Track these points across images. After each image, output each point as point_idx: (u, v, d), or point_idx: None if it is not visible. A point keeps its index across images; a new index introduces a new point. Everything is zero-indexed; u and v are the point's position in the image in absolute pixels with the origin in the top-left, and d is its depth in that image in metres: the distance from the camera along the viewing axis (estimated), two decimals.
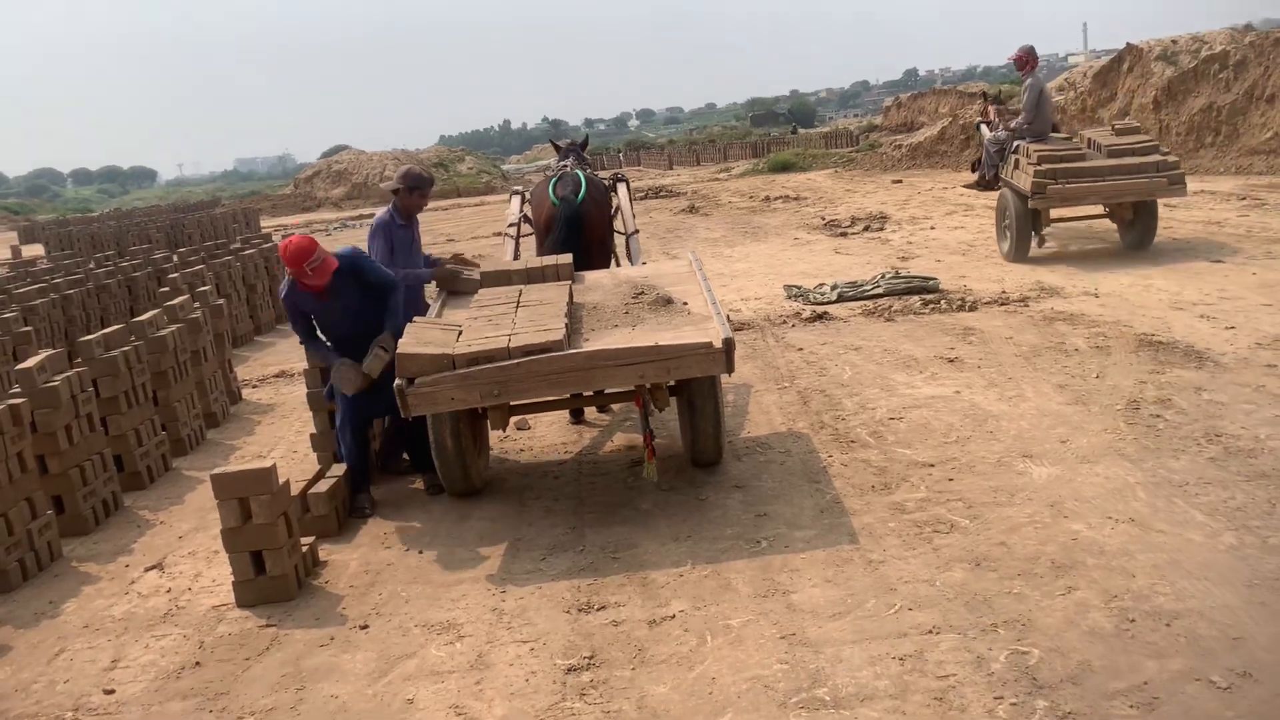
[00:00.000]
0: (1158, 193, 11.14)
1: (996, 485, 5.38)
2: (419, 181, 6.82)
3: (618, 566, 4.93)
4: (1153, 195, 11.20)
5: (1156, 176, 11.01)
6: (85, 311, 11.85)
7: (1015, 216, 11.69)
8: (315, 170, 48.27)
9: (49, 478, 6.22)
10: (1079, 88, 23.71)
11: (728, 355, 5.14)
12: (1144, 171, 11.05)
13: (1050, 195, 11.07)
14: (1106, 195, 11.34)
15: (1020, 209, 11.59)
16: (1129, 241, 11.80)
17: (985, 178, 12.82)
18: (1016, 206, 11.67)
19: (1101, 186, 11.14)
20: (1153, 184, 11.04)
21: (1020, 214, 11.61)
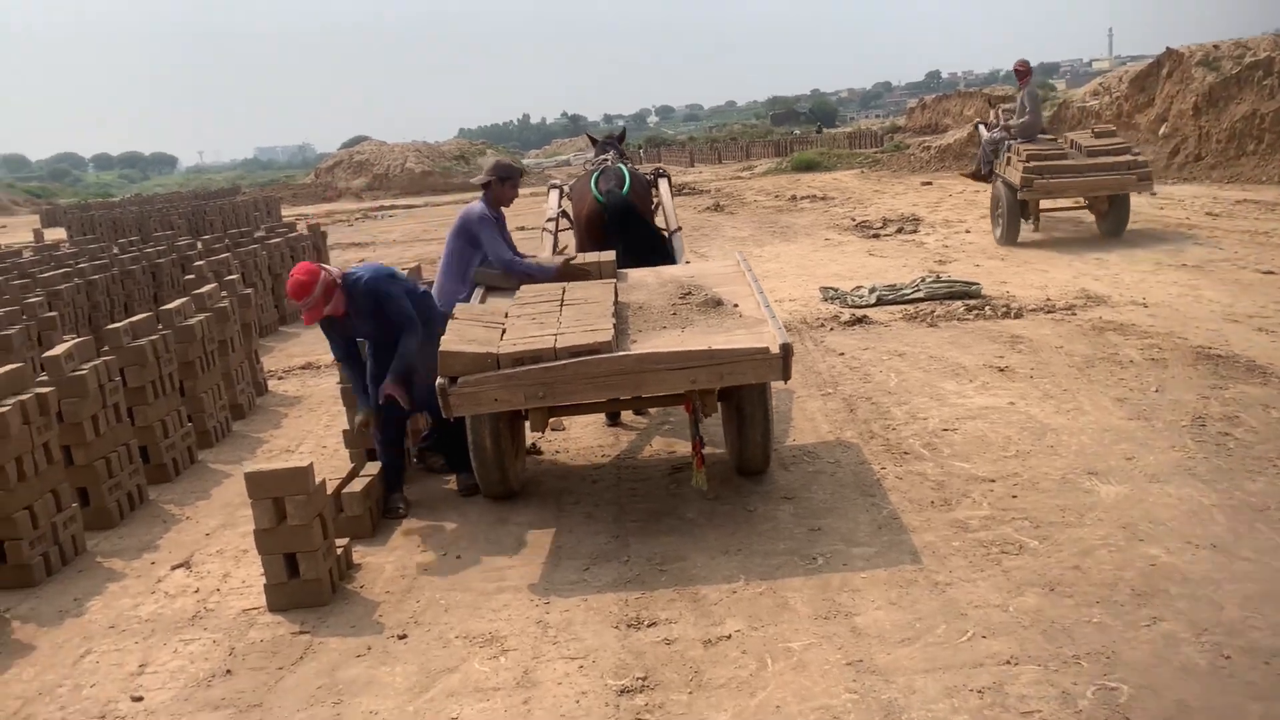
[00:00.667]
0: (1127, 188, 13.01)
1: (1063, 504, 5.13)
2: (509, 172, 6.66)
3: (666, 580, 4.70)
4: (1123, 190, 13.04)
5: (1127, 174, 12.90)
6: (110, 297, 11.69)
7: (1006, 206, 13.48)
8: (336, 160, 48.18)
9: (74, 469, 6.04)
10: (1114, 92, 23.34)
11: (785, 361, 4.91)
12: (1116, 170, 12.92)
13: (1036, 188, 12.90)
14: (1083, 189, 13.18)
15: (1010, 199, 13.35)
16: (1105, 229, 13.55)
17: (981, 171, 14.84)
18: (1007, 197, 13.40)
19: (1079, 182, 13.02)
20: (1123, 180, 12.92)
21: (1011, 204, 13.38)
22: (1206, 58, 20.50)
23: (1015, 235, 13.56)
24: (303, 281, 5.58)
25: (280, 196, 37.30)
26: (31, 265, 13.66)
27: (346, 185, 43.56)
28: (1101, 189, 13.06)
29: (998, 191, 13.82)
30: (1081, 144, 13.65)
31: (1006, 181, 13.41)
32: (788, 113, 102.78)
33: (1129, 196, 13.28)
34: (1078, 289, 10.48)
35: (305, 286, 5.57)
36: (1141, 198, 17.34)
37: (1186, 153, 20.17)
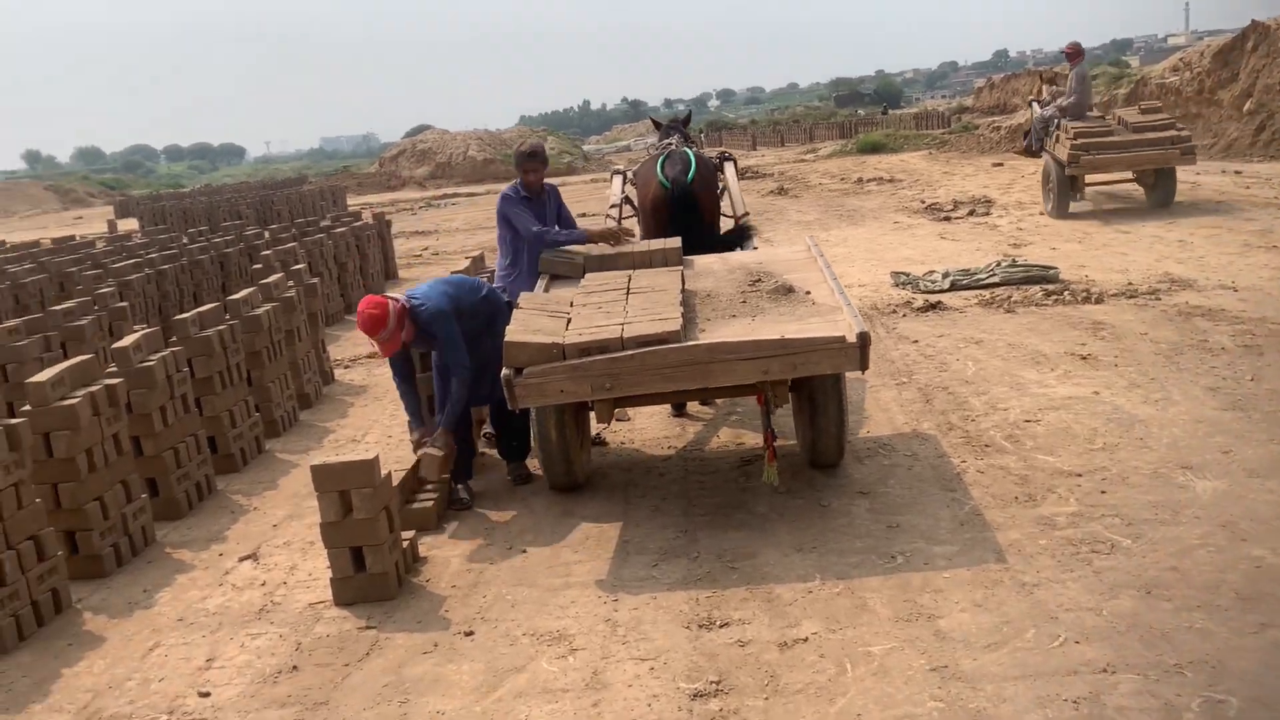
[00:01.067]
0: (1170, 161, 13.60)
1: (1156, 500, 4.87)
2: (519, 158, 6.66)
3: (737, 578, 4.55)
4: (1166, 164, 13.64)
5: (1170, 148, 13.49)
6: (179, 287, 11.83)
7: (1056, 181, 14.14)
8: (400, 149, 48.52)
9: (143, 460, 6.06)
10: (1195, 68, 22.49)
11: (862, 351, 4.71)
12: (1159, 145, 13.54)
13: (1083, 164, 13.60)
14: (1127, 164, 13.83)
15: (1060, 175, 14.02)
16: (1152, 201, 14.08)
17: (1033, 148, 15.59)
18: (1057, 173, 14.08)
19: (1123, 157, 13.65)
20: (1166, 154, 13.53)
21: (1060, 178, 14.05)
22: None
23: (1065, 208, 14.21)
24: (375, 315, 5.45)
25: (345, 186, 37.67)
26: (104, 256, 13.90)
27: (410, 174, 43.86)
28: (1144, 164, 13.73)
29: (1048, 167, 14.51)
30: (1128, 121, 14.26)
31: (1056, 158, 14.11)
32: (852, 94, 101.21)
33: (1174, 170, 13.86)
34: (1161, 272, 10.07)
35: (378, 320, 5.45)
36: (1226, 177, 16.80)
37: (1273, 129, 19.37)
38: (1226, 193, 15.24)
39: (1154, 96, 23.65)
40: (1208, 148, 20.93)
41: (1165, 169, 13.70)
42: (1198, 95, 22.05)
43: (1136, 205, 14.32)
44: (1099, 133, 13.79)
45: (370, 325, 5.47)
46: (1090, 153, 13.47)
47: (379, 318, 5.45)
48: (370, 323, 5.46)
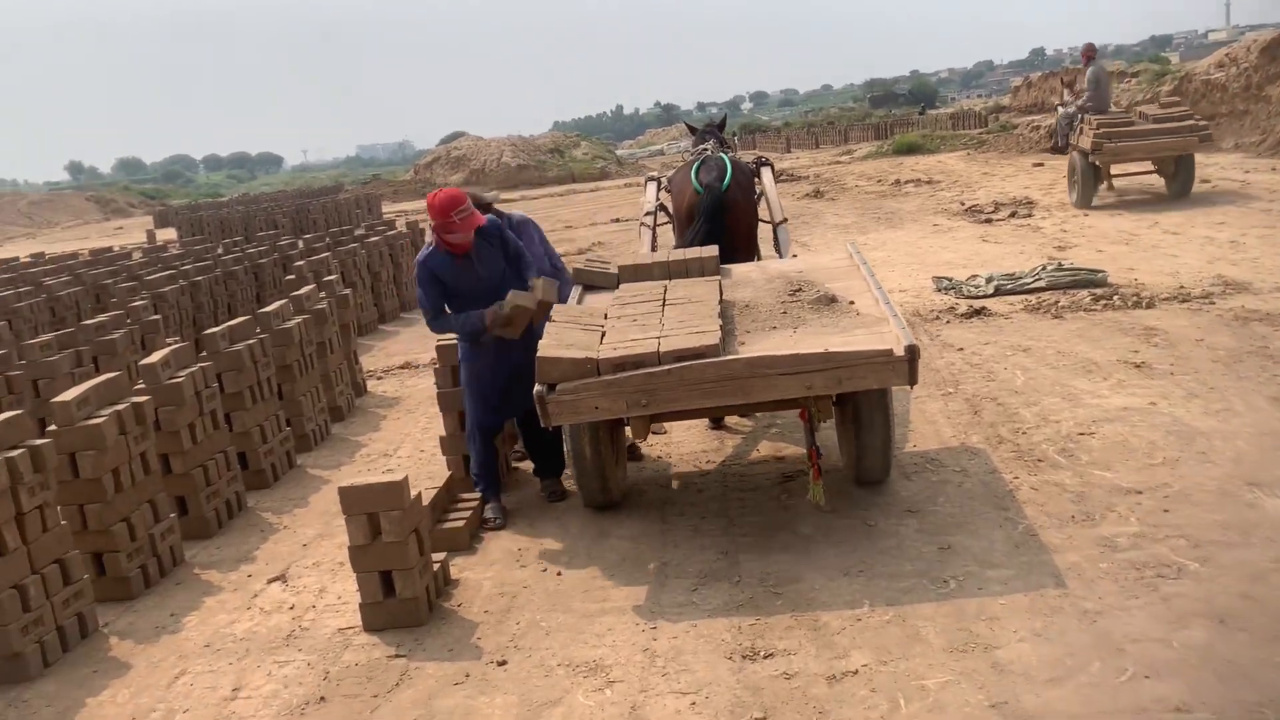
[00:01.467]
0: (1189, 148, 14.20)
1: (1224, 520, 4.60)
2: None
3: (782, 604, 4.35)
4: (1185, 150, 14.22)
5: (1188, 135, 14.12)
6: (213, 298, 11.82)
7: (1081, 171, 14.85)
8: (434, 156, 48.65)
9: (171, 478, 5.96)
10: (1242, 63, 21.93)
11: (911, 365, 4.50)
12: (1178, 133, 14.18)
13: (1106, 152, 14.19)
14: (1147, 151, 14.40)
15: (1085, 165, 14.72)
16: (1173, 190, 14.65)
17: (1058, 144, 17.12)
18: (1082, 163, 14.80)
19: (1144, 145, 14.23)
20: (1185, 141, 14.13)
21: (1085, 169, 14.75)
22: None
23: (1090, 198, 14.92)
24: (453, 194, 5.47)
25: (381, 194, 37.84)
26: (140, 267, 13.93)
27: (445, 180, 43.91)
28: (1164, 150, 14.30)
29: (1073, 160, 15.30)
30: (1149, 114, 15.20)
31: (1080, 150, 14.87)
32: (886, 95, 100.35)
33: (1193, 158, 14.51)
34: (1213, 275, 9.73)
35: (457, 198, 5.43)
36: (1275, 175, 16.33)
37: None
38: (1278, 191, 14.80)
39: (1199, 93, 23.14)
40: (1256, 145, 20.40)
41: (1185, 158, 14.35)
42: (1244, 91, 21.49)
43: (1158, 195, 14.91)
44: (1121, 123, 14.55)
45: (448, 202, 5.40)
46: (1113, 141, 14.12)
47: (456, 195, 5.44)
48: (448, 200, 5.40)
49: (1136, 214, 14.26)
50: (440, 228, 5.44)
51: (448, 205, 5.40)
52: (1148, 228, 13.06)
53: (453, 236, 5.43)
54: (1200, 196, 15.13)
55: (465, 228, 5.44)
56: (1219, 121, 22.16)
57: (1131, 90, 26.37)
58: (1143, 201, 14.80)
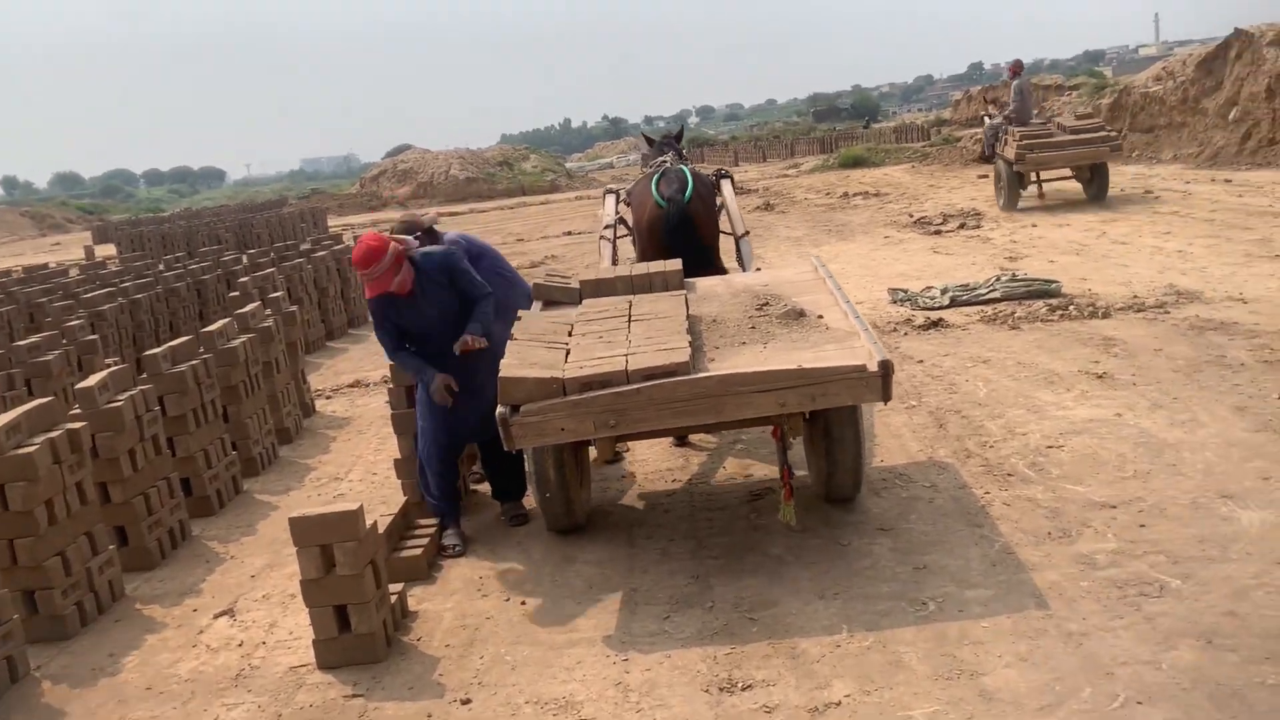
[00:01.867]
0: (1101, 157, 15.72)
1: (1201, 534, 4.54)
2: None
3: (758, 631, 4.19)
4: (1097, 159, 15.75)
5: (1101, 146, 15.63)
6: (154, 316, 11.43)
7: (1006, 178, 16.31)
8: (381, 169, 48.13)
9: (111, 507, 5.67)
10: (1179, 76, 22.39)
11: (885, 380, 4.37)
12: (1092, 143, 15.67)
13: (1028, 161, 15.71)
14: (1065, 160, 15.86)
15: (1009, 173, 16.15)
16: (1091, 195, 16.13)
17: (985, 153, 18.36)
18: (1007, 171, 16.24)
19: (1062, 154, 15.77)
20: (1098, 150, 15.67)
21: (1010, 176, 16.18)
22: (1279, 38, 19.54)
23: (1015, 202, 16.34)
24: (372, 248, 5.16)
25: (326, 207, 37.26)
26: (77, 285, 13.47)
27: (391, 194, 43.47)
28: (1080, 159, 15.80)
29: (999, 168, 16.73)
30: (1066, 125, 16.98)
31: (1005, 159, 16.25)
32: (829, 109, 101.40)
33: (1107, 165, 16.04)
34: (1164, 284, 9.81)
35: (375, 253, 5.14)
36: (1215, 186, 16.64)
37: (1259, 137, 19.25)
38: (1220, 201, 15.07)
39: (1138, 106, 23.60)
40: (1193, 156, 20.83)
41: (1099, 165, 15.87)
42: (1182, 104, 21.94)
43: (1077, 199, 16.37)
44: (1041, 134, 16.11)
45: (364, 257, 5.13)
46: (1034, 151, 15.65)
47: (375, 250, 5.15)
48: (365, 255, 5.14)
49: (1084, 225, 14.42)
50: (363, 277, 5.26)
51: (361, 262, 5.16)
52: (1096, 238, 13.20)
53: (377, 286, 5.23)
54: (1144, 207, 15.37)
55: (378, 286, 5.21)
56: (1157, 134, 22.65)
57: (1073, 103, 26.81)
58: (1068, 207, 15.93)
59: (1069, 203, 16.22)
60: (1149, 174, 20.08)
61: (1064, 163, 15.95)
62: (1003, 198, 16.53)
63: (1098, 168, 15.89)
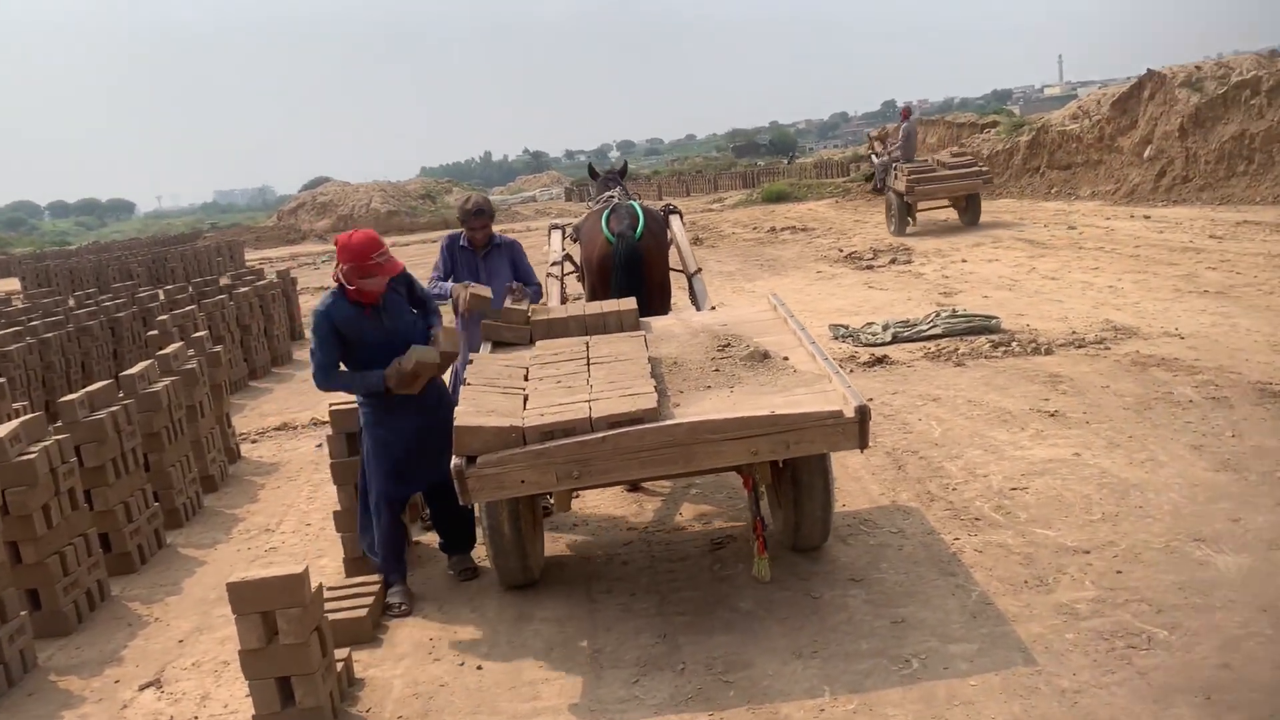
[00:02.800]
0: (975, 189, 18.77)
1: (1180, 580, 4.44)
2: (463, 215, 6.39)
3: (735, 696, 3.95)
4: (972, 190, 18.76)
5: (975, 179, 18.68)
6: (65, 357, 10.82)
7: (897, 208, 18.90)
8: (299, 202, 47.18)
9: (22, 568, 5.21)
10: (1094, 115, 23.05)
11: (861, 427, 4.20)
12: (968, 178, 18.61)
13: (916, 193, 18.33)
14: (947, 192, 18.68)
15: (899, 203, 18.75)
16: (966, 220, 18.97)
17: (877, 186, 21.03)
18: (897, 202, 18.82)
19: (944, 186, 18.49)
20: (972, 183, 18.66)
21: (900, 206, 18.78)
22: (1190, 79, 20.25)
23: (904, 229, 18.77)
24: (372, 235, 5.00)
25: (243, 240, 36.32)
26: None
27: (310, 227, 42.60)
28: (958, 190, 18.63)
29: (889, 199, 19.42)
30: (945, 162, 19.50)
31: (896, 191, 18.77)
32: (749, 144, 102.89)
33: (979, 195, 19.13)
34: (1100, 319, 9.92)
35: (375, 239, 4.98)
36: (1135, 222, 17.09)
37: (1174, 175, 19.87)
38: (1142, 238, 15.43)
39: (1055, 143, 24.23)
40: (1110, 193, 21.41)
41: (972, 195, 18.84)
42: (1098, 142, 22.58)
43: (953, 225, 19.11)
44: (926, 170, 18.62)
45: (370, 240, 4.93)
46: (921, 184, 18.22)
47: (373, 235, 5.01)
48: (370, 239, 4.95)
49: (1013, 260, 14.64)
50: (355, 271, 4.87)
51: (367, 247, 4.89)
52: (1026, 273, 13.37)
53: (368, 282, 4.88)
54: (1070, 243, 15.68)
55: (385, 272, 4.93)
56: (1075, 170, 23.26)
57: (991, 140, 27.41)
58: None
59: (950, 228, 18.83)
60: (1069, 210, 20.58)
61: (946, 194, 18.67)
62: (893, 224, 19.05)
63: (971, 197, 18.83)
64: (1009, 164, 25.86)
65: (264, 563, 5.95)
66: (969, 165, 19.20)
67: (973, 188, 18.66)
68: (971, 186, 18.62)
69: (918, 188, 18.16)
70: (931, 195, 18.50)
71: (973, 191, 18.69)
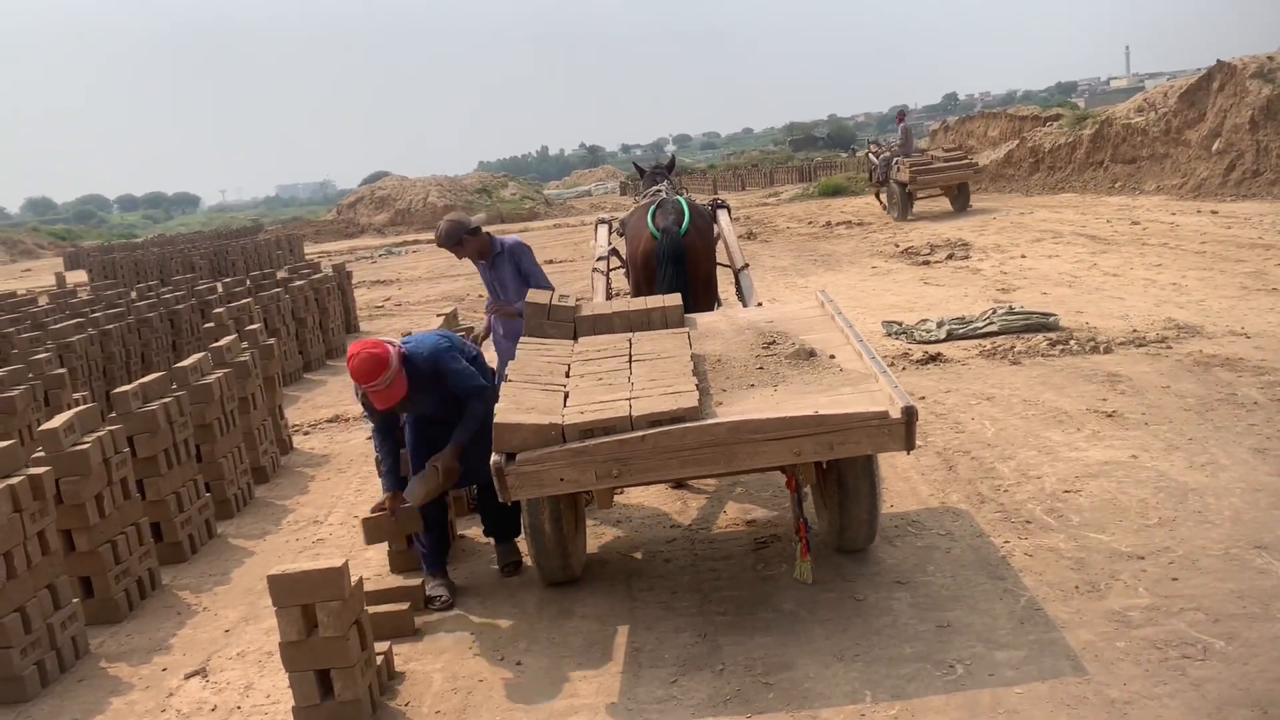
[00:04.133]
0: (965, 178, 22.00)
1: (1239, 589, 4.29)
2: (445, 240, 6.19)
3: (775, 698, 3.89)
4: (963, 180, 21.93)
5: (965, 170, 22.00)
6: (125, 348, 11.04)
7: (900, 196, 21.87)
8: (358, 196, 47.78)
9: (75, 556, 5.32)
10: (1161, 108, 22.46)
11: (908, 428, 4.10)
12: (958, 168, 21.85)
13: (918, 182, 21.43)
14: (942, 181, 21.77)
15: (901, 192, 21.76)
16: (957, 207, 22.00)
17: (878, 180, 23.45)
18: (900, 191, 21.82)
19: (940, 176, 21.60)
20: (963, 173, 21.92)
21: (902, 195, 21.79)
22: (1261, 69, 19.63)
23: (906, 214, 21.72)
24: (377, 355, 4.68)
25: (303, 234, 36.82)
26: (45, 315, 13.06)
27: (369, 221, 43.12)
28: (951, 179, 21.76)
29: (892, 189, 22.31)
30: (938, 156, 23.05)
31: (899, 181, 21.73)
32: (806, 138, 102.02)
33: (968, 184, 22.32)
34: (1163, 318, 9.65)
35: (380, 362, 4.68)
36: (1202, 218, 16.61)
37: (1243, 168, 19.28)
38: (1208, 233, 15.00)
39: (1119, 137, 23.66)
40: (1176, 188, 20.86)
41: (962, 184, 21.97)
42: (1165, 135, 22.00)
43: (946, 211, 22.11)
44: (924, 163, 21.76)
45: (371, 369, 4.67)
46: (921, 174, 21.34)
47: (380, 359, 4.68)
48: (371, 365, 4.67)
49: (1074, 256, 14.32)
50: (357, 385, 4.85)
51: (360, 376, 4.70)
52: (1087, 270, 13.07)
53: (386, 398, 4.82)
54: (1133, 239, 15.30)
55: (384, 400, 4.79)
56: (1140, 165, 22.69)
57: (1053, 134, 26.86)
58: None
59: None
60: (1133, 204, 20.10)
61: (941, 183, 21.84)
62: (896, 211, 22.16)
63: (961, 185, 21.97)
64: (1071, 158, 25.32)
65: (311, 554, 6.02)
66: (959, 159, 22.56)
67: (963, 177, 21.88)
68: (962, 176, 21.85)
69: (919, 177, 21.24)
70: (930, 184, 21.70)
71: (963, 181, 21.87)
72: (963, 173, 21.83)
